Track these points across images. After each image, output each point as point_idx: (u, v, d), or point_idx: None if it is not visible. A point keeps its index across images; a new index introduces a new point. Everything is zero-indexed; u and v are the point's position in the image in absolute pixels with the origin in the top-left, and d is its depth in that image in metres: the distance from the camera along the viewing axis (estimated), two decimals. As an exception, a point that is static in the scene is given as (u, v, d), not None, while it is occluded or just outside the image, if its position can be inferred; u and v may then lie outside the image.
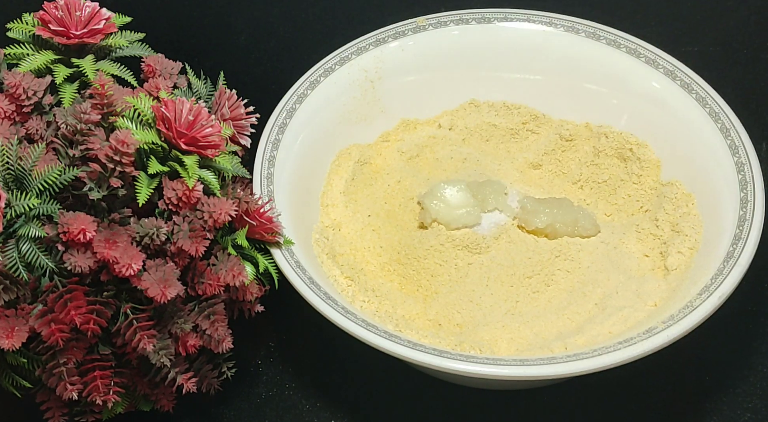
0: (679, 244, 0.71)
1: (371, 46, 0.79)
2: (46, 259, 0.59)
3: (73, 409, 0.66)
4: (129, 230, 0.60)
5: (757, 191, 0.69)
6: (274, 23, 0.96)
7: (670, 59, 0.77)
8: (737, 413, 0.70)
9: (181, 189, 0.61)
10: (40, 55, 0.66)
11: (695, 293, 0.65)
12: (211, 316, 0.63)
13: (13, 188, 0.59)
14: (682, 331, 0.62)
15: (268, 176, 0.71)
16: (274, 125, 0.74)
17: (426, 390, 0.71)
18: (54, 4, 0.66)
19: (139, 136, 0.60)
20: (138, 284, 0.59)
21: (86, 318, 0.60)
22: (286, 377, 0.73)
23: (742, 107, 0.74)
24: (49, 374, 0.62)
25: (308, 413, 0.71)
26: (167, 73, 0.68)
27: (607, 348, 0.62)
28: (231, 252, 0.64)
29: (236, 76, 0.75)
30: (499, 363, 0.62)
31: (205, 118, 0.63)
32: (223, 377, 0.68)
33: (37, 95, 0.64)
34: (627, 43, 0.79)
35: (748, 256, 0.65)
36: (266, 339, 0.75)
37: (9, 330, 0.59)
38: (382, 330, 0.64)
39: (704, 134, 0.73)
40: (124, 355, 0.64)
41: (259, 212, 0.66)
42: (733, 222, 0.68)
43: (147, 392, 0.67)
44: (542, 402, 0.71)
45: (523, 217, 0.73)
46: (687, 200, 0.73)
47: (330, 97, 0.77)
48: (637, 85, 0.77)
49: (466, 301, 0.71)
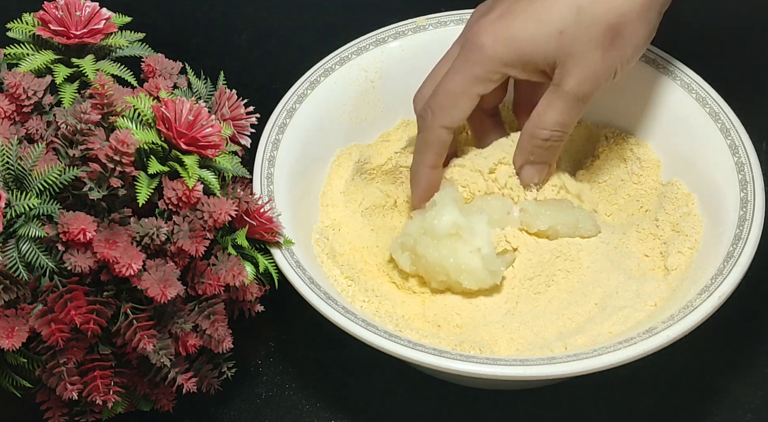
0: (680, 244, 0.71)
1: (371, 46, 0.79)
2: (46, 259, 0.59)
3: (73, 409, 0.66)
4: (129, 230, 0.60)
5: (757, 191, 0.69)
6: (274, 23, 0.96)
7: (670, 59, 0.77)
8: (737, 413, 0.70)
9: (181, 189, 0.61)
10: (40, 55, 0.66)
11: (695, 293, 0.65)
12: (211, 316, 0.63)
13: (13, 188, 0.59)
14: (682, 331, 0.62)
15: (268, 176, 0.71)
16: (274, 125, 0.74)
17: (426, 390, 0.71)
18: (54, 4, 0.66)
19: (139, 136, 0.60)
20: (138, 284, 0.59)
21: (86, 317, 0.60)
22: (286, 377, 0.73)
23: (742, 107, 0.74)
24: (49, 374, 0.62)
25: (308, 413, 0.71)
26: (167, 73, 0.68)
27: (607, 348, 0.62)
28: (231, 252, 0.64)
29: (236, 76, 0.75)
30: (499, 363, 0.62)
31: (205, 118, 0.63)
32: (223, 377, 0.68)
33: (37, 95, 0.64)
34: (627, 43, 0.78)
35: (748, 256, 0.65)
36: (266, 339, 0.75)
37: (9, 330, 0.59)
38: (382, 330, 0.64)
39: (704, 134, 0.73)
40: (124, 355, 0.64)
41: (259, 212, 0.66)
42: (733, 222, 0.68)
43: (147, 392, 0.67)
44: (542, 402, 0.71)
45: (525, 220, 0.73)
46: (687, 200, 0.73)
47: (330, 97, 0.77)
48: (636, 85, 0.77)
49: (466, 302, 0.71)
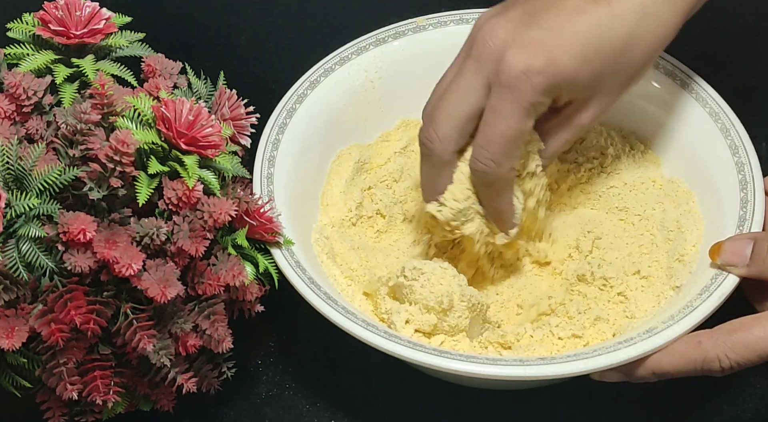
0: (680, 243, 0.71)
1: (371, 46, 0.79)
2: (46, 259, 0.59)
3: (73, 409, 0.66)
4: (129, 230, 0.60)
5: (758, 191, 0.69)
6: (274, 23, 0.96)
7: (670, 59, 0.77)
8: (737, 413, 0.70)
9: (181, 189, 0.61)
10: (40, 55, 0.66)
11: (695, 293, 0.65)
12: (211, 316, 0.63)
13: (13, 188, 0.59)
14: (682, 331, 0.62)
15: (268, 176, 0.71)
16: (274, 125, 0.74)
17: (426, 390, 0.71)
18: (54, 4, 0.66)
19: (139, 136, 0.60)
20: (138, 284, 0.59)
21: (86, 318, 0.60)
22: (286, 377, 0.73)
23: (742, 107, 0.74)
24: (49, 374, 0.62)
25: (308, 413, 0.71)
26: (167, 73, 0.68)
27: (607, 348, 0.62)
28: (231, 252, 0.64)
29: (236, 76, 0.75)
30: (499, 363, 0.62)
31: (205, 118, 0.63)
32: (223, 377, 0.68)
33: (37, 95, 0.64)
34: (627, 43, 0.78)
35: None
36: (266, 339, 0.75)
37: (9, 330, 0.59)
38: (382, 330, 0.64)
39: (704, 134, 0.73)
40: (124, 355, 0.64)
41: (259, 212, 0.66)
42: (733, 222, 0.68)
43: (147, 392, 0.67)
44: (542, 402, 0.71)
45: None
46: (688, 198, 0.73)
47: (330, 97, 0.77)
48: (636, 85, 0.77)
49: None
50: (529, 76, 0.62)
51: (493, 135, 0.64)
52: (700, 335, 0.62)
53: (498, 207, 0.67)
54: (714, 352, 0.61)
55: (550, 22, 0.63)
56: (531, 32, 0.63)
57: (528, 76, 0.62)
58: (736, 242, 0.65)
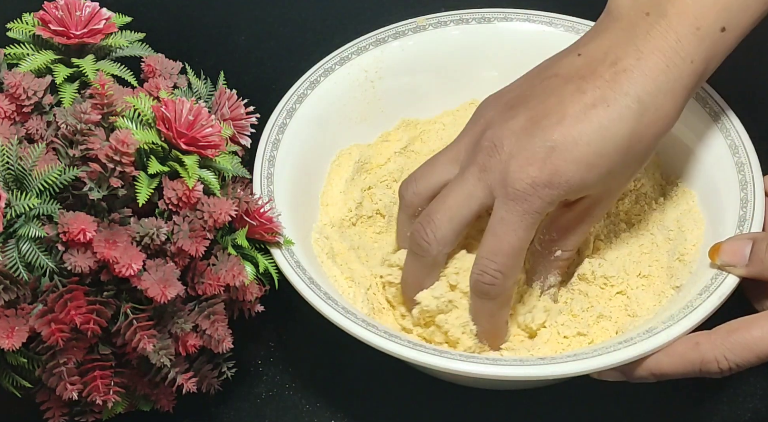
0: (681, 242, 0.71)
1: (371, 46, 0.79)
2: (46, 259, 0.59)
3: (73, 409, 0.66)
4: (129, 230, 0.60)
5: (758, 191, 0.69)
6: (274, 23, 0.96)
7: (670, 59, 0.77)
8: (737, 413, 0.70)
9: (181, 189, 0.61)
10: (40, 55, 0.66)
11: (695, 293, 0.65)
12: (211, 316, 0.63)
13: (13, 188, 0.59)
14: (682, 331, 0.62)
15: (268, 176, 0.71)
16: (274, 125, 0.74)
17: (426, 390, 0.71)
18: (54, 4, 0.66)
19: (139, 136, 0.60)
20: (138, 284, 0.59)
21: (86, 318, 0.60)
22: (286, 377, 0.73)
23: (742, 107, 0.74)
24: (49, 374, 0.62)
25: (308, 413, 0.71)
26: (167, 73, 0.68)
27: (606, 348, 0.62)
28: (231, 252, 0.64)
29: (236, 76, 0.75)
30: (499, 363, 0.62)
31: (205, 118, 0.63)
32: (223, 377, 0.68)
33: (37, 95, 0.64)
34: (627, 43, 0.78)
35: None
36: (266, 339, 0.75)
37: (9, 330, 0.59)
38: (382, 330, 0.64)
39: (704, 135, 0.73)
40: (124, 355, 0.64)
41: (259, 212, 0.66)
42: (733, 222, 0.68)
43: (147, 392, 0.67)
44: (542, 402, 0.71)
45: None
46: (688, 198, 0.73)
47: (330, 97, 0.77)
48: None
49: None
50: (536, 189, 0.63)
51: (501, 246, 0.63)
52: (698, 336, 0.62)
53: (497, 322, 0.67)
54: (712, 354, 0.61)
55: (553, 133, 0.63)
56: (535, 144, 0.63)
57: (535, 189, 0.63)
58: (735, 243, 0.65)
